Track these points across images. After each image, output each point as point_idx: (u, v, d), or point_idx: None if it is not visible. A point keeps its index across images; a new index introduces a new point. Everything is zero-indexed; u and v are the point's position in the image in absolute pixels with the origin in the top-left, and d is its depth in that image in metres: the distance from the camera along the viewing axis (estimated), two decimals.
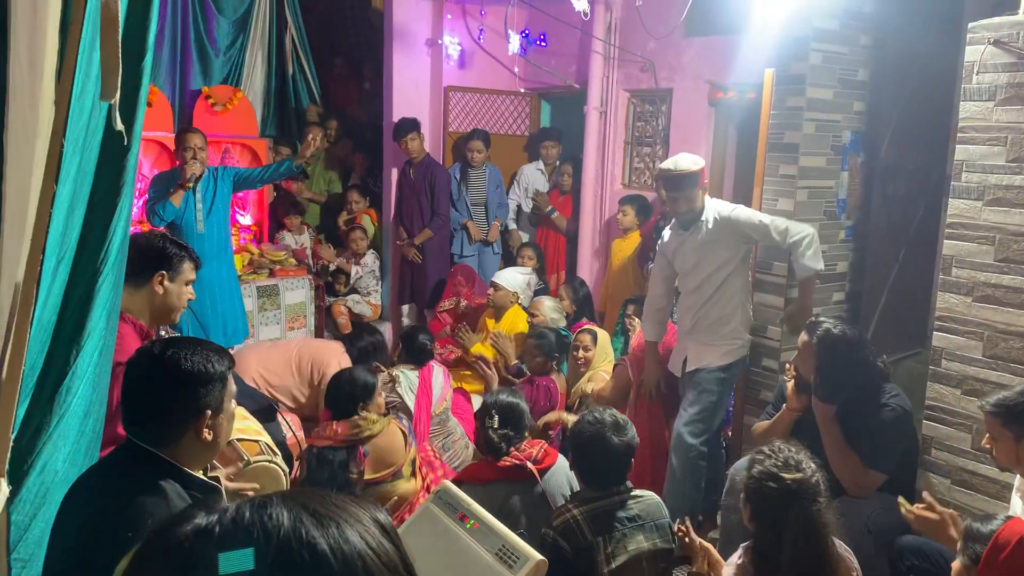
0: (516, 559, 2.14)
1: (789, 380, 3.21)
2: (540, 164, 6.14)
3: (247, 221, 6.07)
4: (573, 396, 4.13)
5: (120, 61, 1.43)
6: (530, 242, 5.98)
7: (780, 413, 3.22)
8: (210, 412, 1.66)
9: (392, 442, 3.20)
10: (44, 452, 1.75)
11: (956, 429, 3.06)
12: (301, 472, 3.09)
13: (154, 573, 0.67)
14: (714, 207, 3.58)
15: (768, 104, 3.87)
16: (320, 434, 3.17)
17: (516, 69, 6.15)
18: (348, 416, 3.18)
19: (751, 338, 3.74)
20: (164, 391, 1.64)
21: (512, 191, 6.18)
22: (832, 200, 3.98)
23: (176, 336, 2.54)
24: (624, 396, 3.94)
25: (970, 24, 3.00)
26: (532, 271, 5.37)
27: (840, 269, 4.13)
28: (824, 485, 2.15)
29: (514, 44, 5.52)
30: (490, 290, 5.05)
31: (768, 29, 3.86)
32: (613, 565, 2.43)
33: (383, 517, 0.74)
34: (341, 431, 3.13)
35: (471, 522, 2.29)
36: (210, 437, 1.66)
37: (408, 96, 6.03)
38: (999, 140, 2.91)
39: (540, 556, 2.16)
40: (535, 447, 2.98)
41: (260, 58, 6.32)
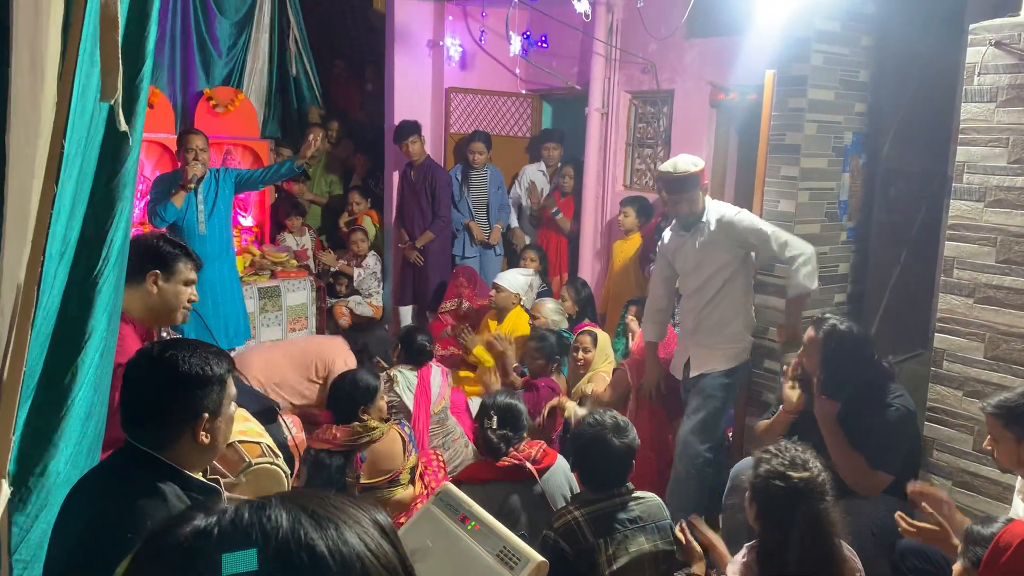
0: (517, 561, 2.14)
1: (787, 382, 3.21)
2: (541, 165, 6.13)
3: (248, 223, 6.07)
4: (573, 397, 4.12)
5: (120, 61, 1.43)
6: (532, 244, 5.98)
7: (777, 415, 3.22)
8: (207, 415, 1.63)
9: (391, 448, 3.19)
10: (45, 454, 1.75)
11: (958, 431, 3.06)
12: (302, 474, 3.09)
13: (153, 575, 0.67)
14: (716, 209, 3.55)
15: (769, 105, 3.86)
16: (319, 437, 3.17)
17: (517, 70, 6.15)
18: (349, 418, 3.17)
19: (753, 340, 3.73)
20: (161, 393, 1.62)
21: (513, 190, 6.17)
22: (833, 202, 3.98)
23: (176, 338, 2.52)
24: (623, 400, 3.94)
25: (971, 25, 3.00)
26: (534, 273, 5.36)
27: (842, 271, 4.13)
28: (830, 484, 2.15)
29: (515, 45, 5.51)
30: (492, 292, 5.04)
31: (769, 30, 3.85)
32: (614, 567, 2.42)
33: (383, 518, 0.74)
34: (340, 435, 3.13)
35: (472, 523, 2.29)
36: (207, 440, 1.64)
37: (409, 97, 6.03)
38: (1000, 141, 2.91)
39: (541, 558, 2.16)
40: (534, 447, 2.99)
41: (261, 59, 6.33)
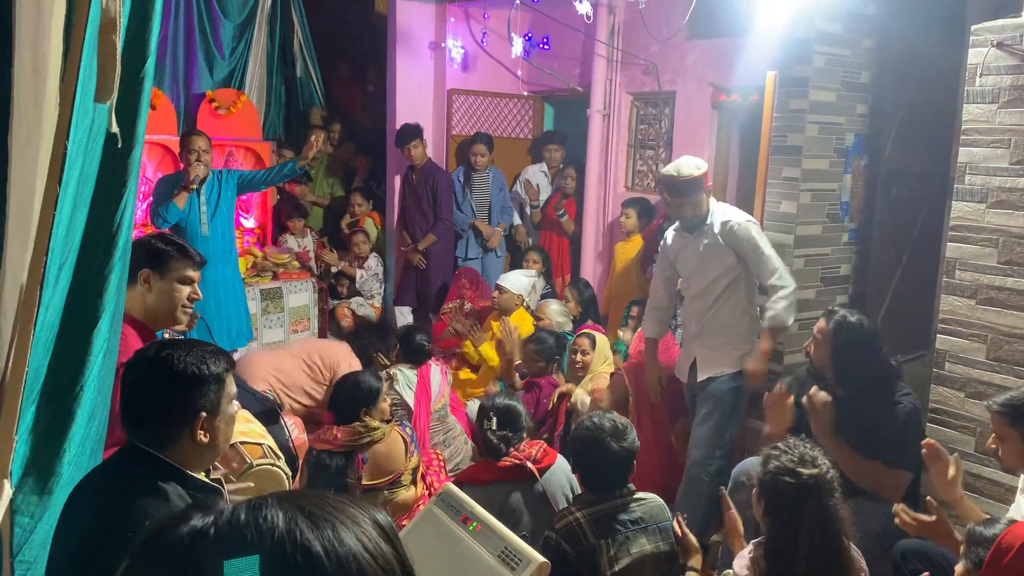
0: (519, 561, 2.14)
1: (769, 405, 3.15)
2: (543, 167, 6.13)
3: (251, 224, 6.08)
4: (572, 405, 4.12)
5: (118, 63, 1.43)
6: (535, 245, 5.97)
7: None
8: (205, 414, 1.62)
9: (392, 449, 3.19)
10: (49, 455, 1.75)
11: (960, 432, 3.05)
12: (303, 475, 3.09)
13: (151, 575, 0.67)
14: (722, 212, 3.52)
15: (771, 107, 3.86)
16: (320, 437, 3.17)
17: (519, 72, 6.15)
18: (351, 419, 3.17)
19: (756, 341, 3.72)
20: (158, 392, 1.61)
21: (514, 190, 6.17)
22: (835, 203, 3.98)
23: (176, 338, 2.51)
24: (622, 406, 3.92)
25: (973, 26, 3.00)
26: (538, 274, 5.36)
27: (843, 272, 4.12)
28: (838, 481, 2.17)
29: (517, 47, 5.51)
30: (495, 293, 5.04)
31: (771, 32, 3.85)
32: (616, 568, 2.42)
33: (383, 519, 0.73)
34: (341, 436, 3.13)
35: (473, 524, 2.29)
36: (205, 439, 1.62)
37: (411, 99, 6.04)
38: (1002, 143, 2.91)
39: (542, 558, 2.16)
40: (534, 447, 3.00)
41: (263, 61, 6.34)
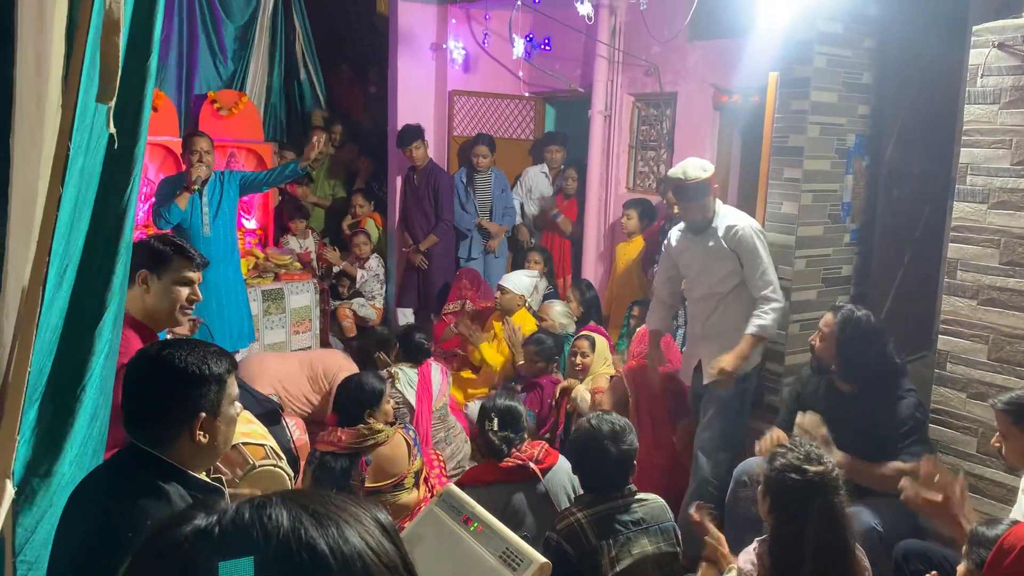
0: (520, 562, 2.14)
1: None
2: (544, 168, 6.14)
3: (252, 225, 6.09)
4: (572, 401, 4.12)
5: (120, 64, 1.43)
6: (537, 246, 5.98)
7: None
8: (204, 414, 1.61)
9: (396, 452, 3.19)
10: (51, 455, 1.75)
11: (962, 432, 3.05)
12: (306, 477, 3.09)
13: (153, 574, 0.68)
14: (728, 216, 3.51)
15: (772, 108, 3.86)
16: (324, 439, 3.17)
17: (520, 73, 6.16)
18: (355, 421, 3.17)
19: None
20: (158, 390, 1.60)
21: (515, 191, 6.17)
22: (837, 204, 3.97)
23: (177, 338, 2.51)
24: (621, 407, 3.91)
25: (974, 27, 3.00)
26: (540, 275, 5.36)
27: (845, 273, 4.12)
28: (843, 479, 2.19)
29: (519, 48, 5.52)
30: (497, 293, 5.04)
31: (772, 33, 3.85)
32: (617, 568, 2.42)
33: (384, 517, 0.74)
34: (345, 438, 3.13)
35: (475, 525, 2.29)
36: (205, 440, 1.62)
37: (413, 100, 6.04)
38: (1004, 143, 2.91)
39: (544, 559, 2.16)
40: (536, 447, 3.00)
41: (265, 62, 6.34)
